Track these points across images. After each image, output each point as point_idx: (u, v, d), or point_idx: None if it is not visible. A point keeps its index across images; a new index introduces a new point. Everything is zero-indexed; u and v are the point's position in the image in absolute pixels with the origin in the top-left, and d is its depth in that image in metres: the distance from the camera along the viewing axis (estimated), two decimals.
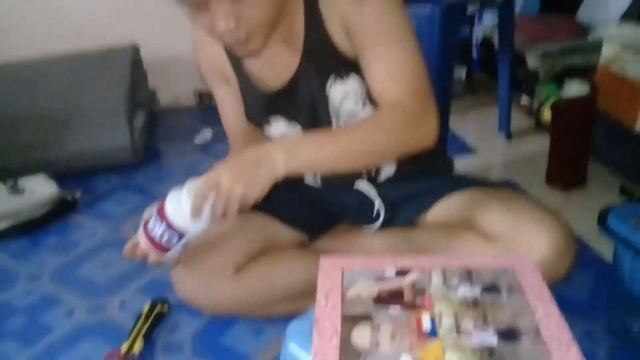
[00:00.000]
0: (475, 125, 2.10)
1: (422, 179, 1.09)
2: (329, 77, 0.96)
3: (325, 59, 0.94)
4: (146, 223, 0.88)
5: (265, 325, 1.13)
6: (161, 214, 0.86)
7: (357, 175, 1.10)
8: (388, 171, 1.10)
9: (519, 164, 1.78)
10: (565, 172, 1.61)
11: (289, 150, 0.83)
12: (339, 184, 1.12)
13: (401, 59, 0.89)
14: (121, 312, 1.23)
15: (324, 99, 0.98)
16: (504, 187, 1.10)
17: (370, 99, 0.97)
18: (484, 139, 1.95)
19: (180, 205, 0.84)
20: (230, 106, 1.10)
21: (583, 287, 1.20)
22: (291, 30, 0.94)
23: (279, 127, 1.06)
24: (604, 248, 1.30)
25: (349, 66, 0.94)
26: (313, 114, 1.01)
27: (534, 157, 1.77)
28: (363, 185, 1.11)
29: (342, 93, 0.97)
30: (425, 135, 0.87)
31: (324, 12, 0.92)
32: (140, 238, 0.89)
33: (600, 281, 1.21)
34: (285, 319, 1.11)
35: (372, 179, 1.10)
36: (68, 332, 1.18)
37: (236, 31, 0.83)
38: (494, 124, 1.98)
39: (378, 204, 1.11)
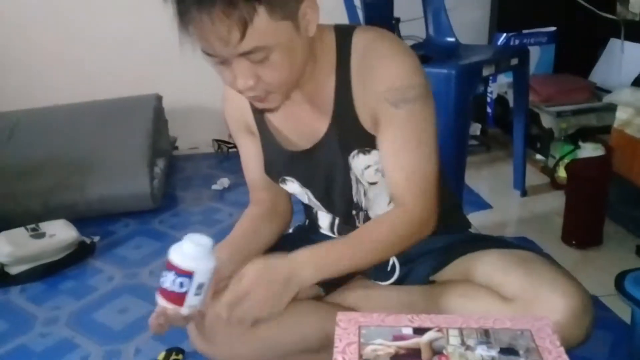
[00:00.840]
0: (490, 181, 2.11)
1: (439, 237, 1.09)
2: (353, 150, 1.00)
3: (351, 133, 0.98)
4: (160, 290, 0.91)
5: None
6: (168, 265, 0.88)
7: None
8: None
9: (534, 221, 1.78)
10: (580, 231, 1.61)
11: (319, 267, 0.90)
12: None
13: (418, 166, 0.95)
14: (135, 359, 1.23)
15: (346, 167, 1.01)
16: (521, 247, 1.10)
17: None
18: (499, 195, 1.96)
19: (182, 250, 0.87)
20: (252, 157, 1.12)
21: (600, 347, 1.19)
22: (320, 95, 0.97)
23: (293, 187, 1.08)
24: (621, 308, 1.29)
25: (371, 144, 0.98)
26: (329, 182, 1.04)
27: (549, 215, 1.77)
28: None
29: (364, 164, 1.01)
30: (427, 233, 0.98)
31: (355, 93, 0.95)
32: (158, 301, 0.91)
33: (618, 342, 1.20)
34: None
35: None
36: None
37: (254, 90, 0.86)
38: (509, 180, 1.99)
39: (393, 259, 1.12)
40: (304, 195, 1.09)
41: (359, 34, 0.95)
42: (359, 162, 1.00)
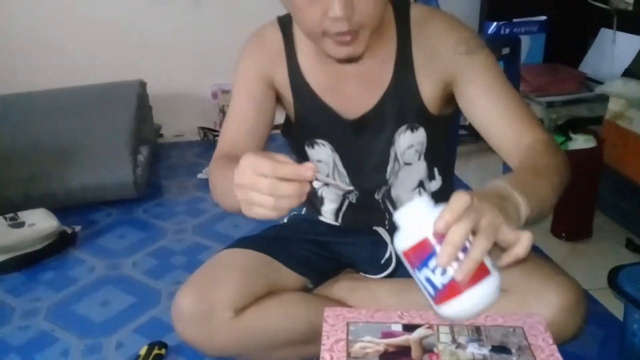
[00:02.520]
0: (478, 172, 2.10)
1: None
2: (402, 125, 1.00)
3: (407, 105, 0.98)
4: None
5: None
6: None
7: (378, 222, 1.11)
8: None
9: None
10: (570, 223, 1.61)
11: (528, 198, 0.75)
12: (358, 227, 1.12)
13: (518, 99, 0.94)
14: (117, 354, 1.20)
15: (388, 142, 1.01)
16: None
17: (424, 154, 1.04)
18: (482, 183, 1.94)
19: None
20: (256, 115, 1.03)
21: (590, 341, 1.18)
22: (374, 65, 0.97)
23: (321, 152, 1.06)
24: (612, 302, 1.28)
25: (423, 120, 0.98)
26: (366, 153, 1.04)
27: None
28: (381, 231, 1.12)
29: (408, 143, 1.02)
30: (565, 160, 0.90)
31: (417, 63, 0.96)
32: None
33: (608, 336, 1.19)
34: None
35: (393, 228, 1.10)
36: None
37: (350, 20, 0.83)
38: (498, 171, 1.97)
39: (391, 250, 1.10)
40: (329, 160, 1.07)
41: (416, 8, 0.98)
42: (404, 139, 1.01)
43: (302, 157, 1.10)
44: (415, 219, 0.66)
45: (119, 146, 1.92)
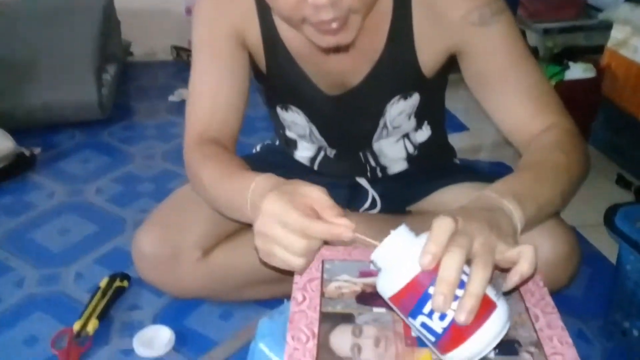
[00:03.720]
0: (467, 101, 2.01)
1: (423, 167, 1.02)
2: (395, 96, 0.89)
3: (399, 77, 0.86)
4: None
5: (235, 309, 1.06)
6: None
7: (358, 172, 1.05)
8: (397, 168, 1.03)
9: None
10: None
11: (521, 205, 0.66)
12: (336, 175, 1.05)
13: (539, 76, 0.81)
14: (76, 285, 1.14)
15: (378, 114, 0.91)
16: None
17: (415, 113, 0.93)
18: (476, 117, 1.87)
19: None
20: (228, 76, 0.88)
21: (576, 281, 1.14)
22: (365, 36, 0.81)
23: (293, 117, 0.96)
24: (599, 240, 1.25)
25: (418, 85, 0.87)
26: (348, 125, 0.95)
27: None
28: (362, 181, 1.06)
29: (399, 110, 0.91)
30: (585, 149, 0.80)
31: (417, 31, 0.82)
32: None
33: (595, 275, 1.16)
34: (259, 303, 1.06)
35: (375, 178, 1.03)
36: (15, 305, 1.09)
37: (336, 6, 0.67)
38: None
39: (373, 195, 1.06)
40: (305, 126, 0.97)
41: None
42: (396, 108, 0.91)
43: (273, 114, 1.01)
44: (397, 259, 0.57)
45: (82, 62, 1.80)
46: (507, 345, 0.63)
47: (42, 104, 1.73)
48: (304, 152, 1.06)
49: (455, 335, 0.55)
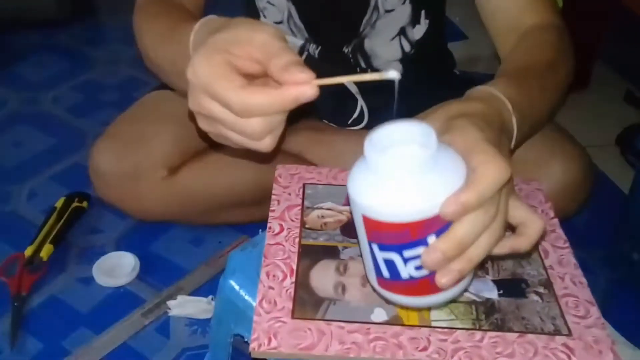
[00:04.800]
0: (466, 7, 1.89)
1: (421, 79, 0.93)
2: None
3: None
4: None
5: (207, 234, 1.01)
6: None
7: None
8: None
9: None
10: None
11: (522, 116, 0.58)
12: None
13: None
14: (29, 205, 1.07)
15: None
16: None
17: None
18: (477, 25, 1.76)
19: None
20: None
21: None
22: None
23: None
24: (603, 160, 1.20)
25: None
26: (335, 6, 0.86)
27: None
28: (351, 88, 0.96)
29: None
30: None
31: None
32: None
33: (600, 203, 1.10)
34: (235, 227, 1.00)
35: (365, 85, 0.94)
36: None
37: None
38: None
39: (361, 106, 0.97)
40: (282, 9, 0.87)
41: None
42: None
43: None
44: (405, 171, 0.41)
45: None
46: (512, 286, 0.57)
47: None
48: None
49: (419, 287, 0.45)
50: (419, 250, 0.42)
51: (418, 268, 0.44)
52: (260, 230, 0.65)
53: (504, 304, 0.55)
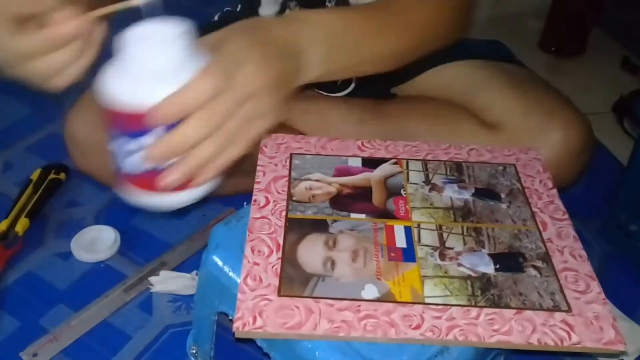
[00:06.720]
0: None
1: None
2: None
3: None
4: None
5: (190, 206, 0.96)
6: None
7: None
8: None
9: (509, 21, 1.59)
10: (563, 36, 1.45)
11: (333, 47, 0.57)
12: None
13: None
14: (3, 178, 1.03)
15: None
16: (510, 61, 0.94)
17: None
18: None
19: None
20: None
21: None
22: None
23: None
24: (598, 127, 1.16)
25: None
26: None
27: (526, 15, 1.59)
28: None
29: None
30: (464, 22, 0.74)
31: None
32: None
33: (596, 172, 1.08)
34: (222, 200, 0.97)
35: None
36: None
37: None
38: None
39: None
40: None
41: None
42: None
43: None
44: (145, 68, 0.45)
45: None
46: (508, 259, 0.56)
47: None
48: (268, 9, 0.92)
49: (148, 182, 0.49)
50: (150, 140, 0.46)
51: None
52: (245, 203, 0.63)
53: (500, 279, 0.53)
